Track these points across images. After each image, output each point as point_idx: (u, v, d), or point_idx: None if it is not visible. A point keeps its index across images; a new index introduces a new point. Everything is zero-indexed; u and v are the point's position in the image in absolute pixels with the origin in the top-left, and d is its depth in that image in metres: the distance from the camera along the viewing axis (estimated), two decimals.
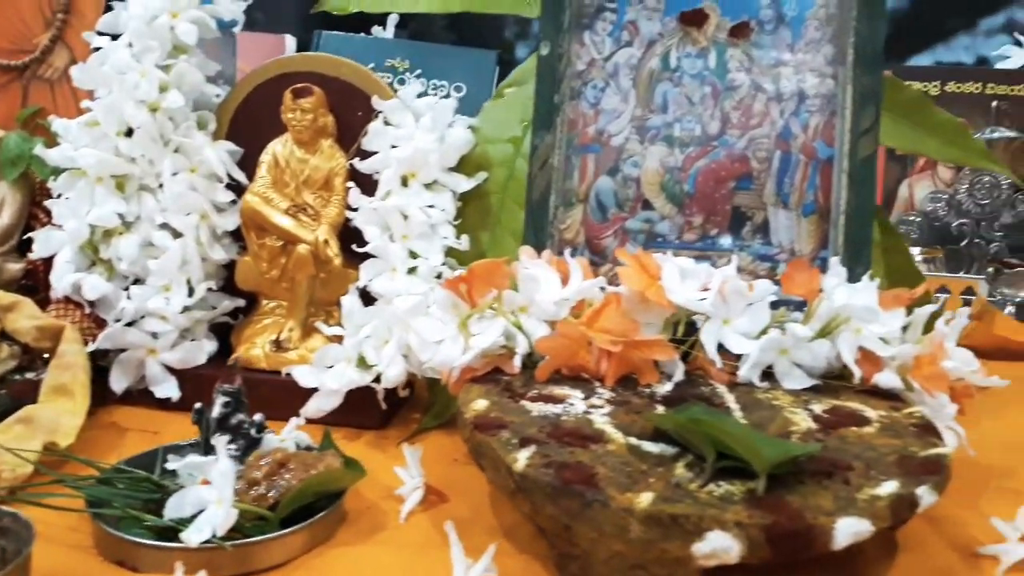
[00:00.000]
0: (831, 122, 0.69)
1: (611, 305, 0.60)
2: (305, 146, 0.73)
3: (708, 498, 0.44)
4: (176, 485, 0.51)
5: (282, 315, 0.74)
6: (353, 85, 0.74)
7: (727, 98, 0.70)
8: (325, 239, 0.70)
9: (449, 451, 0.65)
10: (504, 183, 0.75)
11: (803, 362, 0.61)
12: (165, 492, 0.50)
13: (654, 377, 0.60)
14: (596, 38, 0.71)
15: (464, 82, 1.25)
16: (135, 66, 0.68)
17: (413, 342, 0.66)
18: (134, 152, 0.69)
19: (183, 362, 0.70)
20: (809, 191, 0.69)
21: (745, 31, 0.70)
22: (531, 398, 0.56)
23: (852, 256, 0.67)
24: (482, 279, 0.61)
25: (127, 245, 0.68)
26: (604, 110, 0.71)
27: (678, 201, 0.70)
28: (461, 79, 1.24)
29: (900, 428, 0.54)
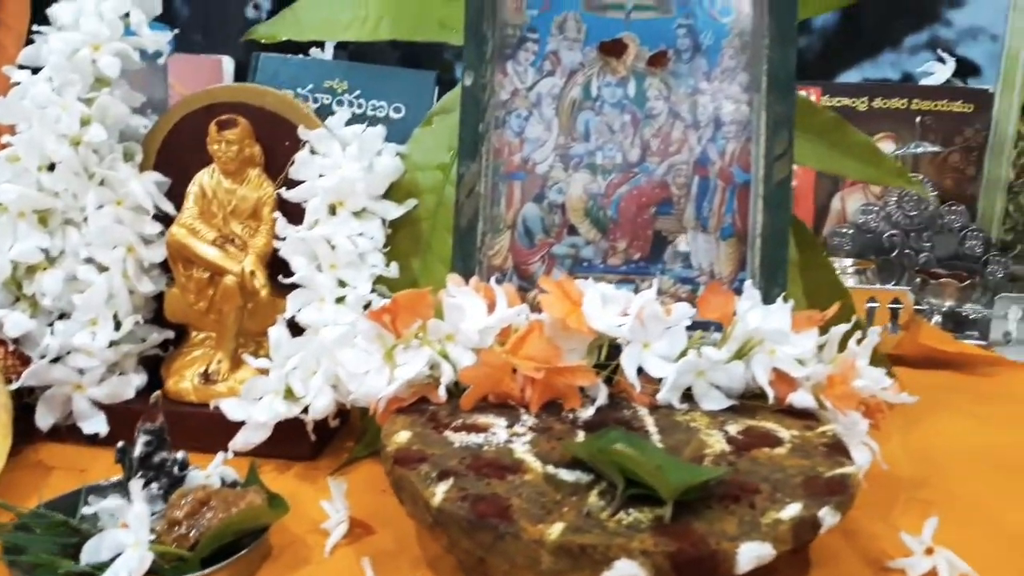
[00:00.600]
0: (747, 148, 0.71)
1: (534, 332, 0.62)
2: (232, 176, 0.73)
3: (616, 527, 0.45)
4: (97, 528, 0.51)
5: (211, 346, 0.73)
6: (279, 115, 0.75)
7: (646, 126, 0.72)
8: (252, 270, 0.70)
9: (379, 481, 0.66)
10: (434, 209, 0.76)
11: (720, 383, 0.62)
12: (83, 536, 0.50)
13: (577, 402, 0.61)
14: (519, 68, 0.72)
15: (403, 103, 1.26)
16: (56, 100, 0.68)
17: (341, 373, 0.66)
18: (57, 186, 0.69)
19: (111, 397, 0.70)
20: (727, 215, 0.71)
21: (663, 60, 0.72)
22: (455, 428, 0.57)
23: (768, 277, 0.69)
24: (407, 309, 0.62)
25: (51, 280, 0.68)
26: (528, 138, 0.72)
27: (602, 226, 0.72)
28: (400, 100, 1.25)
29: (810, 448, 0.56)
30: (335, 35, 0.85)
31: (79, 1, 0.71)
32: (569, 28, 0.72)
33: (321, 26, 0.85)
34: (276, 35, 0.85)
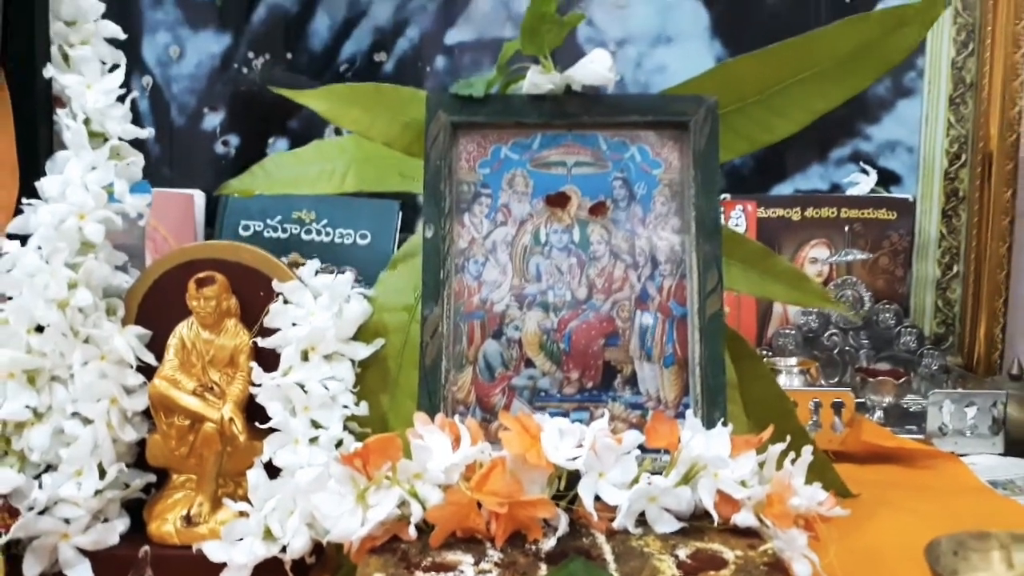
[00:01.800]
0: (682, 283, 0.79)
1: (497, 468, 0.67)
2: (210, 328, 0.78)
3: None
4: None
5: (192, 489, 0.77)
6: (253, 268, 0.81)
7: (591, 267, 0.79)
8: (230, 417, 0.75)
9: None
10: (401, 348, 0.82)
11: (671, 507, 0.68)
12: None
13: (539, 533, 0.66)
14: (475, 219, 0.80)
15: (368, 230, 1.34)
16: (44, 268, 0.73)
17: (317, 513, 0.71)
18: (45, 347, 0.73)
19: (96, 544, 0.73)
20: (668, 345, 0.78)
21: (602, 209, 0.80)
22: (425, 568, 0.61)
23: (709, 402, 0.76)
24: (377, 453, 0.67)
25: (38, 436, 0.72)
26: (486, 281, 0.79)
27: (556, 359, 0.78)
28: (366, 227, 1.33)
29: (753, 567, 0.62)
30: (303, 189, 0.92)
31: (66, 174, 0.77)
32: (518, 183, 0.80)
33: (290, 180, 0.92)
34: (249, 190, 0.92)
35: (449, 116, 0.80)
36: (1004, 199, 1.42)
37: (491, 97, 0.81)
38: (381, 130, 0.85)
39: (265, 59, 1.50)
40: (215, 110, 1.47)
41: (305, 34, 1.48)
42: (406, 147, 0.85)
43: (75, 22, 0.84)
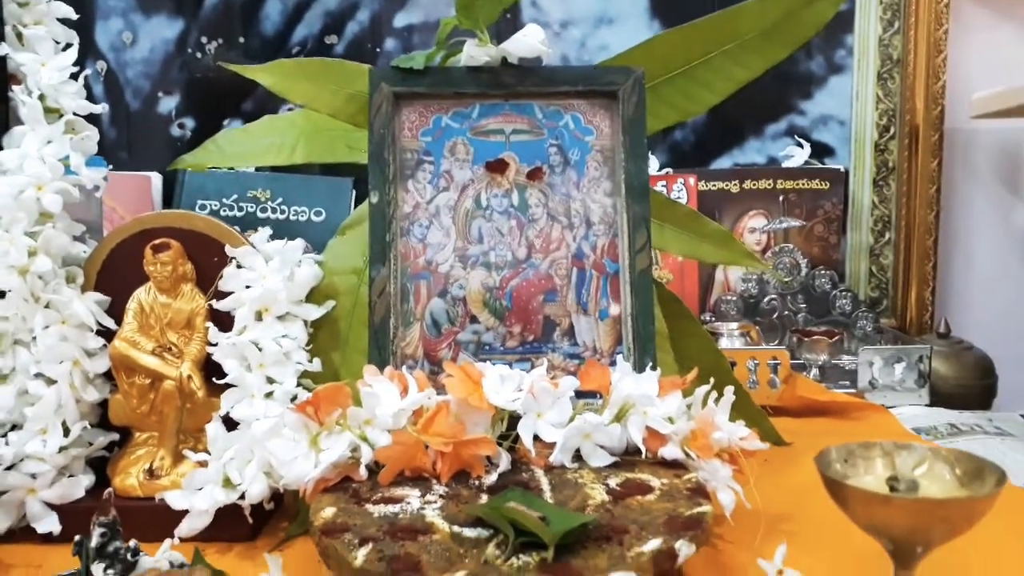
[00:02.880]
0: (614, 242, 0.84)
1: (442, 411, 0.72)
2: (167, 292, 0.82)
3: (510, 570, 0.55)
4: None
5: (153, 445, 0.81)
6: (207, 235, 0.84)
7: (530, 228, 0.84)
8: (188, 375, 0.79)
9: (313, 555, 0.74)
10: (351, 309, 0.86)
11: (604, 443, 0.73)
12: None
13: (482, 470, 0.71)
14: (418, 185, 0.85)
15: (323, 207, 1.37)
16: (4, 236, 0.77)
17: (273, 460, 0.75)
18: (7, 312, 0.76)
19: (62, 498, 0.76)
20: (603, 299, 0.84)
21: (539, 174, 0.85)
22: (374, 501, 0.66)
23: (640, 350, 0.81)
24: (327, 400, 0.72)
25: (3, 396, 0.75)
26: (430, 244, 0.84)
27: (499, 315, 0.83)
28: (321, 204, 1.37)
29: (676, 493, 0.67)
30: (255, 161, 0.96)
31: (23, 147, 0.80)
32: (459, 151, 0.85)
33: (242, 154, 0.96)
34: (202, 164, 0.96)
35: (391, 87, 0.84)
36: (931, 169, 1.50)
37: (431, 69, 0.85)
38: (327, 102, 0.89)
39: (218, 43, 1.52)
40: (170, 94, 1.50)
41: (257, 18, 1.51)
42: (351, 118, 0.90)
43: (28, 3, 0.87)
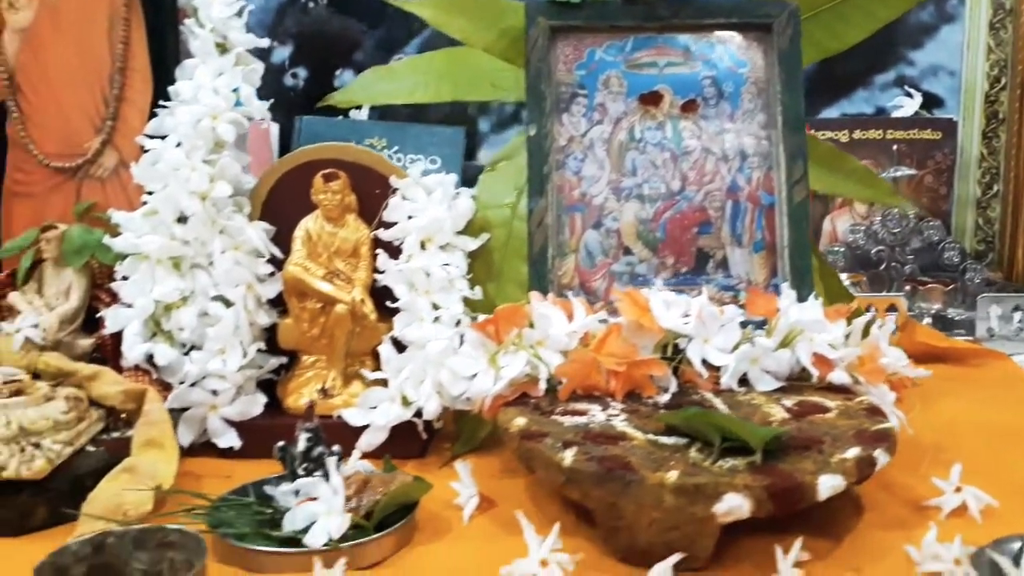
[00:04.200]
0: (769, 175, 0.85)
1: (613, 334, 0.73)
2: (333, 221, 0.84)
3: (720, 471, 0.57)
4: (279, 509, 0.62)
5: (322, 368, 0.84)
6: (369, 167, 0.87)
7: (684, 161, 0.85)
8: (361, 298, 0.81)
9: (484, 470, 0.76)
10: (505, 241, 0.88)
11: (770, 368, 0.75)
12: (276, 512, 0.60)
13: (653, 390, 0.73)
14: (573, 119, 0.86)
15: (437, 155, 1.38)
16: (186, 162, 0.80)
17: (444, 379, 0.78)
18: (188, 236, 0.80)
19: (241, 415, 0.80)
20: (757, 231, 0.85)
21: (693, 107, 0.86)
22: (559, 413, 0.68)
23: (797, 282, 0.82)
24: (506, 320, 0.74)
25: (187, 316, 0.79)
26: (585, 176, 0.85)
27: (652, 246, 0.84)
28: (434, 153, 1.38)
29: (854, 412, 0.69)
30: (401, 99, 0.98)
31: (196, 79, 0.83)
32: (613, 84, 0.86)
33: (388, 92, 0.98)
34: (352, 101, 0.98)
35: (548, 21, 0.85)
36: None
37: (586, 3, 0.86)
38: (481, 37, 0.91)
39: None
40: (284, 44, 1.52)
41: None
42: (503, 53, 0.91)
43: None
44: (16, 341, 0.76)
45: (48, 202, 0.86)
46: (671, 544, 0.57)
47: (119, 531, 0.51)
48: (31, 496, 0.64)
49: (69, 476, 0.66)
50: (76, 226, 0.83)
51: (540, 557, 0.55)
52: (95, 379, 0.74)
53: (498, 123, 1.51)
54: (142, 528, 0.52)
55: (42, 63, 0.85)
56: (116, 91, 0.84)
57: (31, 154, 0.85)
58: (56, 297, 0.81)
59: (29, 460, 0.63)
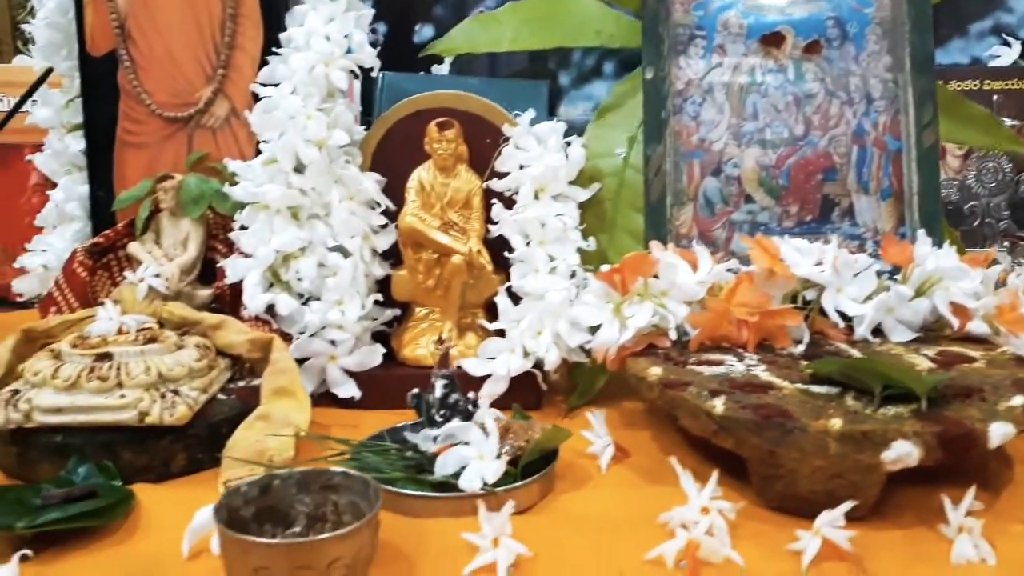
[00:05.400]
0: (896, 119, 0.82)
1: (744, 283, 0.71)
2: (446, 171, 0.83)
3: (884, 418, 0.55)
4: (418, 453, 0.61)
5: (435, 319, 0.84)
6: (479, 116, 0.85)
7: (807, 104, 0.82)
8: (478, 249, 0.80)
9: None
10: (617, 190, 0.86)
11: (904, 318, 0.72)
12: (422, 457, 0.60)
13: (787, 341, 0.71)
14: (690, 61, 0.83)
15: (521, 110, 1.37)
16: (302, 110, 0.79)
17: (562, 330, 0.77)
18: (306, 185, 0.79)
19: (360, 365, 0.79)
20: (884, 178, 0.82)
21: (816, 48, 0.83)
22: (695, 363, 0.67)
23: (927, 229, 0.79)
24: (632, 269, 0.72)
25: (306, 266, 0.78)
26: (704, 121, 0.83)
27: (775, 194, 0.82)
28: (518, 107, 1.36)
29: (1001, 362, 0.66)
30: (504, 46, 0.95)
31: (308, 25, 0.82)
32: (732, 25, 0.83)
33: (492, 40, 0.96)
34: (454, 49, 0.96)
35: None
36: None
37: None
38: None
39: None
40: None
41: None
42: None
43: None
44: (140, 290, 0.76)
45: (160, 152, 0.86)
46: (833, 492, 0.56)
47: (284, 473, 0.51)
48: (171, 442, 0.65)
49: (205, 423, 0.66)
50: (192, 176, 0.82)
51: (701, 504, 0.54)
52: (220, 328, 0.74)
53: (579, 77, 1.48)
54: (305, 470, 0.52)
55: (152, 11, 0.84)
56: (227, 38, 0.83)
57: (143, 104, 0.85)
58: (174, 247, 0.81)
59: (171, 406, 0.63)
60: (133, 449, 0.63)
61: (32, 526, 0.53)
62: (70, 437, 0.63)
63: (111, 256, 0.83)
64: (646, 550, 0.52)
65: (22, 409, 0.63)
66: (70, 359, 0.65)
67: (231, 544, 0.43)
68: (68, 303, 0.79)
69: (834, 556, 0.51)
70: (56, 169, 0.91)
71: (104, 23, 0.84)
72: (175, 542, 0.54)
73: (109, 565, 0.52)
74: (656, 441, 0.72)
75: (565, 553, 0.52)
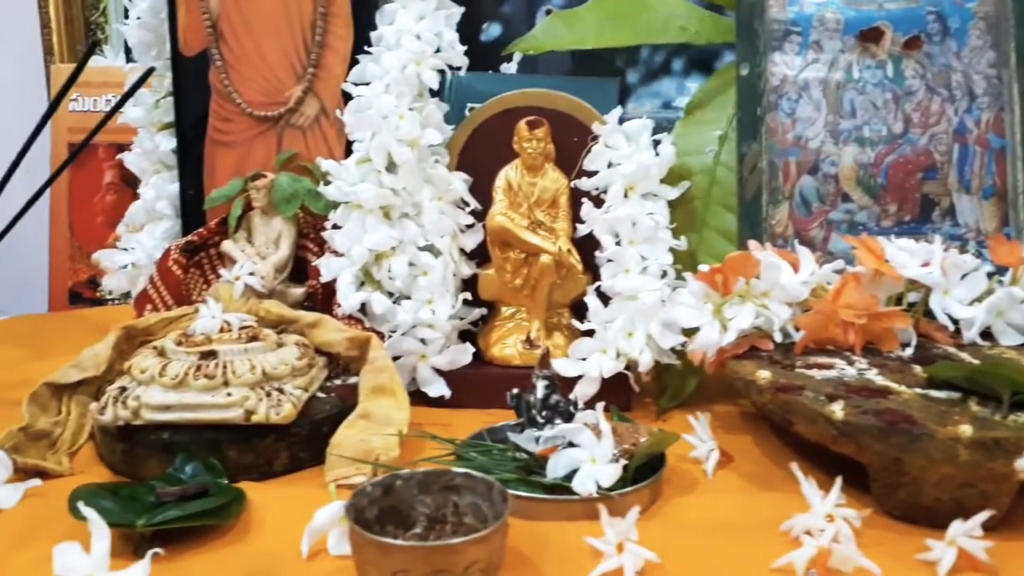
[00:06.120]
0: (1000, 116, 0.79)
1: (849, 284, 0.70)
2: (534, 170, 0.82)
3: (1016, 424, 0.53)
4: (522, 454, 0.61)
5: (522, 319, 0.83)
6: (567, 114, 0.84)
7: (907, 101, 0.80)
8: (568, 248, 0.79)
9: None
10: (708, 189, 0.84)
11: (1013, 321, 0.70)
12: (531, 458, 0.59)
13: (895, 344, 0.69)
14: (786, 57, 0.81)
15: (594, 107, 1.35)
16: (395, 109, 0.78)
17: (655, 331, 0.76)
18: (398, 184, 0.79)
19: (450, 364, 0.79)
20: (987, 177, 0.79)
21: (917, 43, 0.81)
22: (804, 366, 0.65)
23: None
24: (734, 269, 0.71)
25: (398, 265, 0.78)
26: (800, 118, 0.81)
27: (874, 193, 0.80)
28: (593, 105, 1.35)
29: None
30: (588, 43, 0.94)
31: (398, 23, 0.82)
32: (829, 20, 0.81)
33: (574, 37, 0.95)
34: (538, 47, 0.95)
35: None
36: None
37: None
38: None
39: None
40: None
41: None
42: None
43: None
44: (237, 289, 0.76)
45: (250, 151, 0.86)
46: (961, 501, 0.54)
47: (406, 474, 0.51)
48: (275, 441, 0.65)
49: (307, 421, 0.66)
50: (284, 175, 0.83)
51: (825, 511, 0.52)
52: (317, 326, 0.74)
53: (647, 74, 1.46)
54: (427, 471, 0.51)
55: (244, 10, 0.84)
56: (318, 37, 0.83)
57: (234, 103, 0.85)
58: (266, 246, 0.82)
59: (276, 405, 0.64)
60: (238, 447, 0.64)
61: (152, 524, 0.53)
62: (177, 435, 0.64)
63: (203, 254, 0.84)
64: (770, 557, 0.51)
65: (131, 406, 0.63)
66: (176, 357, 0.66)
67: (369, 546, 0.43)
68: (163, 300, 0.80)
69: (969, 567, 0.50)
70: (145, 168, 0.92)
71: (196, 23, 0.85)
72: (289, 541, 0.54)
73: (229, 563, 0.52)
74: (758, 446, 0.70)
75: (689, 560, 0.51)
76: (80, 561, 0.46)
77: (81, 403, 0.70)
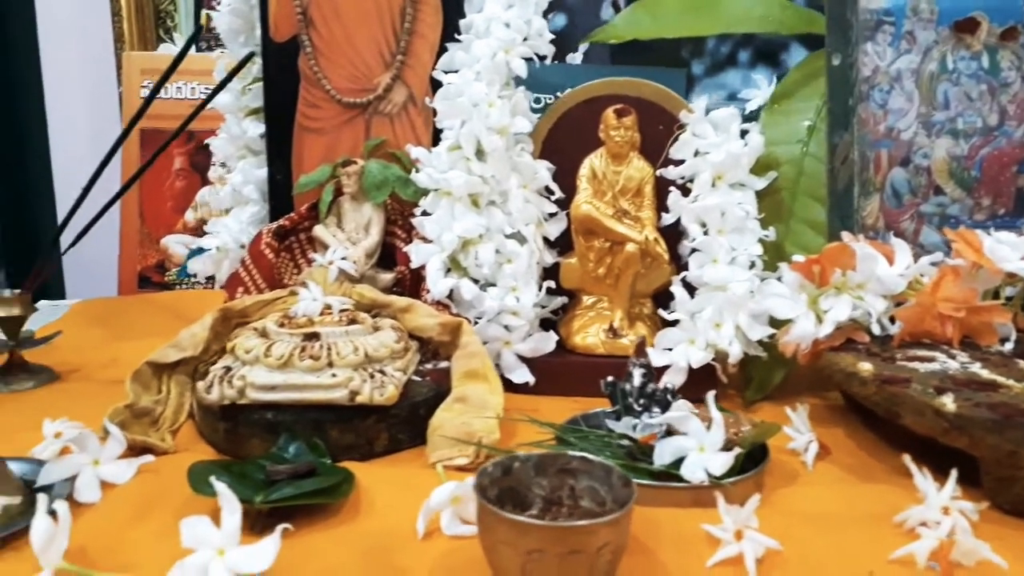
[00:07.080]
0: None
1: (948, 277, 0.69)
2: (619, 159, 0.82)
3: None
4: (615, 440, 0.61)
5: (604, 308, 0.83)
6: (652, 102, 0.84)
7: (1003, 93, 0.79)
8: (655, 237, 0.79)
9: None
10: (795, 179, 0.84)
11: None
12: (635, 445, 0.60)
13: (994, 338, 0.68)
14: (878, 48, 0.80)
15: None
16: (486, 97, 0.79)
17: (743, 322, 0.75)
18: (486, 172, 0.79)
19: (534, 351, 0.80)
20: None
21: (1014, 34, 0.79)
22: (905, 359, 0.65)
23: None
24: (832, 261, 0.70)
25: (485, 252, 0.78)
26: (892, 110, 0.80)
27: (967, 186, 0.79)
28: None
29: None
30: (669, 33, 0.94)
31: (487, 11, 0.82)
32: (922, 10, 0.80)
33: (655, 26, 0.94)
34: (620, 37, 0.95)
35: None
36: None
37: None
38: None
39: None
40: None
41: None
42: None
43: None
44: (331, 273, 0.77)
45: (338, 138, 0.87)
46: None
47: (524, 456, 0.51)
48: (376, 422, 0.66)
49: (407, 403, 0.67)
50: (374, 161, 0.83)
51: (941, 504, 0.52)
52: (409, 311, 0.75)
53: (712, 66, 1.45)
54: (544, 454, 0.52)
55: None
56: (407, 25, 0.84)
57: (323, 89, 0.86)
58: (356, 231, 0.82)
59: (380, 386, 0.64)
60: (340, 428, 0.65)
61: (269, 500, 0.54)
62: (280, 415, 0.65)
63: (293, 239, 0.85)
64: (884, 549, 0.50)
65: (236, 386, 0.64)
66: (279, 338, 0.67)
67: (503, 525, 0.43)
68: (255, 283, 0.81)
69: None
70: (231, 153, 0.93)
71: (287, 9, 0.85)
72: (401, 519, 0.54)
73: (347, 541, 0.53)
74: (851, 439, 0.70)
75: (806, 549, 0.51)
76: (210, 535, 0.47)
77: (180, 382, 0.72)
